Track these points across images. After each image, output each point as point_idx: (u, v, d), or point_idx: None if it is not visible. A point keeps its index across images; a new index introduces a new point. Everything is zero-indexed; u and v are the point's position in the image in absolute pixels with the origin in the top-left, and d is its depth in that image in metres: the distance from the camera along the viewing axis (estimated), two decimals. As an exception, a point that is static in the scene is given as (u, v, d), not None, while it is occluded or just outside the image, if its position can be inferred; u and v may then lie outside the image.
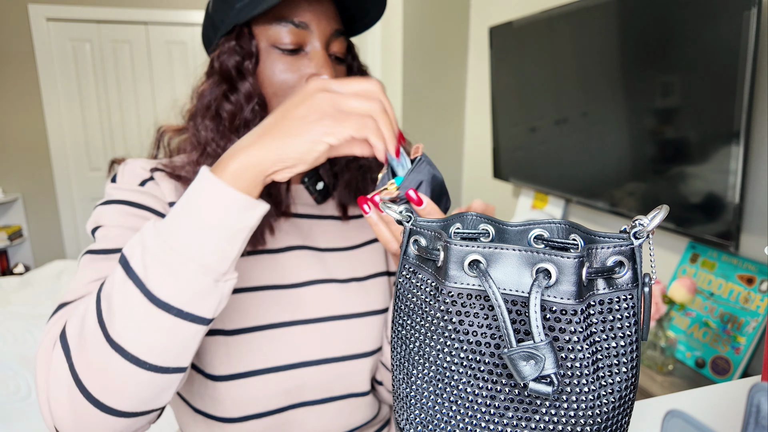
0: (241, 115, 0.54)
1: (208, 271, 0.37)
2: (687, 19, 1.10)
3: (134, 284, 0.37)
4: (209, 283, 0.37)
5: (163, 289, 0.36)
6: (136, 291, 0.36)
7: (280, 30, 0.53)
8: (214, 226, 0.37)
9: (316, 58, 0.54)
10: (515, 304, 0.32)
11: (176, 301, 0.36)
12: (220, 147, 0.53)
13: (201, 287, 0.37)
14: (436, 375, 0.35)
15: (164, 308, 0.36)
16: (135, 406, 0.38)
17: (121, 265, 0.38)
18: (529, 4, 1.82)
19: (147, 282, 0.36)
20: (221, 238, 0.37)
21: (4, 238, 2.91)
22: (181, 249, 0.36)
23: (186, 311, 0.37)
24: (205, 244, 0.37)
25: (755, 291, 1.08)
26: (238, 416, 0.53)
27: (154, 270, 0.36)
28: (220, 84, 0.54)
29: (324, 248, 0.62)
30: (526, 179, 1.83)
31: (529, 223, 0.38)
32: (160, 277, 0.36)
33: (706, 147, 1.10)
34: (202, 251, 0.37)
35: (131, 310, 0.36)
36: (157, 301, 0.36)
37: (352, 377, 0.57)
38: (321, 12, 0.54)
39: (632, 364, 0.33)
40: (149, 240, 0.37)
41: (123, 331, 0.36)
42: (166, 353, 0.37)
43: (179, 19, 3.09)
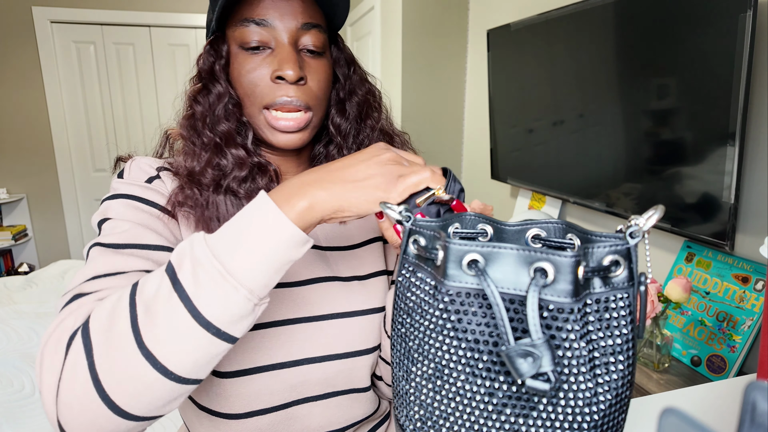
0: (212, 113, 0.56)
1: (253, 296, 0.38)
2: (683, 22, 1.11)
3: (180, 298, 0.37)
4: (250, 307, 0.39)
5: (210, 309, 0.37)
6: (181, 305, 0.37)
7: (245, 30, 0.54)
8: (272, 258, 0.39)
9: (280, 54, 0.54)
10: (513, 303, 0.33)
11: (219, 321, 0.38)
12: (195, 144, 0.56)
13: (243, 311, 0.38)
14: (435, 372, 0.35)
15: (205, 326, 0.37)
16: (147, 411, 0.39)
17: (168, 275, 0.39)
18: (527, 8, 1.83)
19: (195, 299, 0.37)
20: (274, 269, 0.39)
21: (8, 237, 2.90)
22: (236, 273, 0.38)
23: (224, 331, 0.38)
24: (259, 273, 0.38)
25: (750, 290, 1.09)
26: (243, 412, 0.54)
27: (206, 289, 0.37)
28: (196, 84, 0.58)
29: (326, 247, 0.62)
30: (524, 180, 1.84)
31: (526, 223, 0.38)
32: (209, 297, 0.37)
33: (701, 148, 1.11)
34: (254, 278, 0.38)
35: (173, 323, 0.37)
36: (201, 319, 0.37)
37: (353, 373, 0.58)
38: (285, 7, 0.54)
39: (628, 362, 0.34)
40: (202, 256, 0.38)
41: (160, 341, 0.37)
42: (193, 367, 0.39)
43: (182, 22, 3.09)
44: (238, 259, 0.38)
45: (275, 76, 0.54)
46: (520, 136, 1.82)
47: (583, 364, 0.32)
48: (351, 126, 0.63)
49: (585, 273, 0.32)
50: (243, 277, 0.38)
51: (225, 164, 0.55)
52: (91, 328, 0.39)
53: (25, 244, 3.12)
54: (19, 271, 2.96)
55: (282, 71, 0.53)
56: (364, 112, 0.64)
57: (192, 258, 0.38)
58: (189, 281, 0.38)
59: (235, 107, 0.57)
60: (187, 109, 0.58)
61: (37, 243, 3.16)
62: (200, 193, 0.54)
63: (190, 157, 0.55)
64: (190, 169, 0.54)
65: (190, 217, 0.54)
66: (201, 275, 0.38)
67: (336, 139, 0.62)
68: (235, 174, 0.55)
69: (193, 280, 0.38)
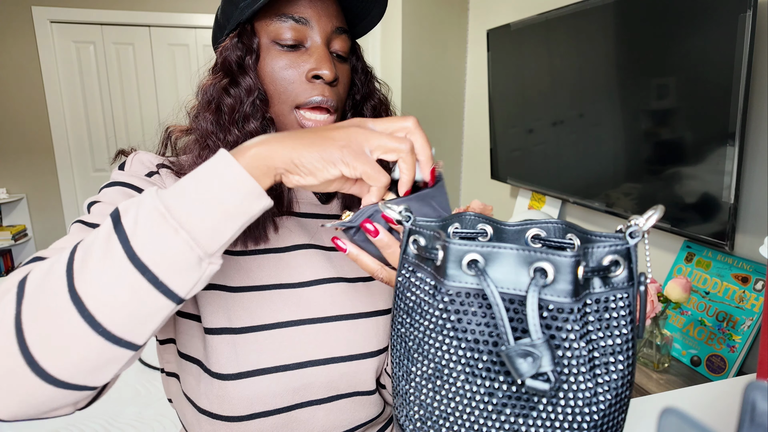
0: (241, 108, 0.54)
1: (196, 245, 0.35)
2: (683, 22, 1.11)
3: (119, 239, 0.35)
4: (193, 258, 0.35)
5: (146, 250, 0.34)
6: (118, 246, 0.35)
7: (281, 26, 0.54)
8: (217, 201, 0.36)
9: (316, 53, 0.54)
10: (513, 303, 0.33)
11: (155, 265, 0.35)
12: (220, 140, 0.54)
13: (184, 260, 0.35)
14: (434, 372, 0.35)
15: (141, 269, 0.34)
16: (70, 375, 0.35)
17: (111, 217, 0.36)
18: (527, 8, 1.83)
19: (132, 239, 0.35)
20: (220, 217, 0.36)
21: (8, 237, 2.90)
22: (178, 214, 0.35)
23: (161, 280, 0.35)
24: (202, 217, 0.35)
25: (750, 290, 1.09)
26: (245, 415, 0.53)
27: (144, 228, 0.35)
28: (222, 79, 0.55)
29: (330, 247, 0.62)
30: (524, 180, 1.84)
31: (526, 223, 0.38)
32: (147, 237, 0.35)
33: (701, 148, 1.11)
34: (197, 222, 0.35)
35: (107, 264, 0.34)
36: (136, 260, 0.34)
37: (358, 376, 0.57)
38: (322, 8, 0.54)
39: (628, 362, 0.34)
40: (148, 199, 0.36)
41: (90, 282, 0.34)
42: (125, 321, 0.35)
43: (182, 22, 3.09)
44: (182, 200, 0.35)
45: (312, 75, 0.54)
46: (520, 136, 1.82)
47: (583, 364, 0.32)
48: None
49: (585, 273, 0.32)
50: (184, 218, 0.35)
51: None
52: (28, 279, 0.36)
53: (24, 244, 3.12)
54: (19, 271, 2.96)
55: (320, 70, 0.53)
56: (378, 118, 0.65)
57: (138, 202, 0.36)
58: (130, 223, 0.35)
59: (261, 103, 0.55)
60: (208, 102, 0.55)
61: (36, 243, 3.16)
62: None
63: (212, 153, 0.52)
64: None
65: None
66: (141, 215, 0.35)
67: None
68: None
69: (134, 221, 0.35)
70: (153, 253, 0.35)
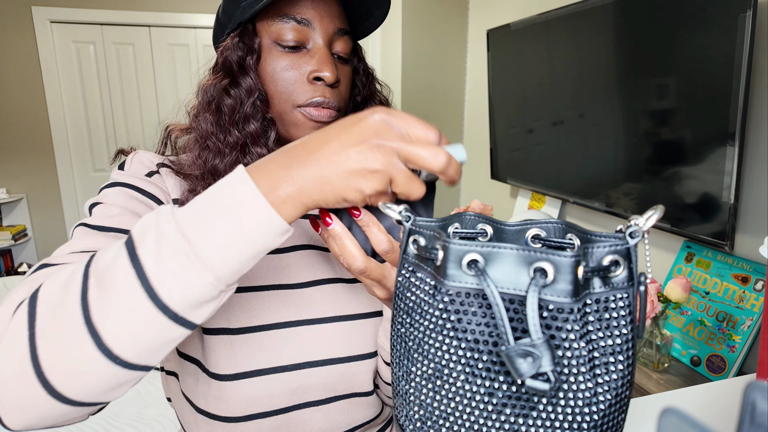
0: (241, 109, 0.54)
1: (220, 283, 0.34)
2: (682, 22, 1.11)
3: (137, 275, 0.33)
4: (214, 293, 0.35)
5: (169, 291, 0.33)
6: (137, 283, 0.33)
7: (282, 27, 0.53)
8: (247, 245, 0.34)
9: (317, 54, 0.54)
10: (513, 303, 0.33)
11: (178, 305, 0.34)
12: (220, 141, 0.54)
13: (206, 296, 0.34)
14: (434, 372, 0.35)
15: (162, 309, 0.33)
16: (85, 396, 0.35)
17: (127, 248, 0.34)
18: (527, 8, 1.83)
19: (154, 279, 0.33)
20: (247, 257, 0.35)
21: (8, 237, 2.90)
22: (205, 257, 0.33)
23: (181, 316, 0.34)
24: (230, 260, 0.34)
25: (750, 290, 1.09)
26: (243, 416, 0.53)
27: (167, 269, 0.33)
28: (223, 79, 0.55)
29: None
30: (524, 180, 1.84)
31: (526, 223, 0.38)
32: (170, 279, 0.33)
33: (701, 148, 1.11)
34: (224, 265, 0.34)
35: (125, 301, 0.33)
36: (158, 301, 0.33)
37: (356, 377, 0.57)
38: (324, 9, 0.54)
39: (628, 362, 0.34)
40: (168, 233, 0.34)
41: (108, 318, 0.33)
42: (141, 352, 0.34)
43: (182, 22, 3.09)
44: (209, 241, 0.33)
45: (313, 76, 0.54)
46: (520, 136, 1.82)
47: (583, 364, 0.32)
48: None
49: (585, 273, 0.32)
50: (211, 262, 0.33)
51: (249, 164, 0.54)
52: (39, 297, 0.35)
53: (24, 244, 3.12)
54: (19, 271, 2.96)
55: (321, 72, 0.53)
56: None
57: (156, 232, 0.34)
58: (150, 258, 0.33)
59: (262, 103, 0.55)
60: (208, 103, 0.55)
61: (36, 243, 3.16)
62: None
63: (212, 154, 0.53)
64: (213, 168, 0.53)
65: None
66: (164, 253, 0.33)
67: None
68: None
69: (155, 257, 0.33)
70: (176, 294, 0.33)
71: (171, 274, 0.33)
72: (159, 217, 0.35)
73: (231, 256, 0.34)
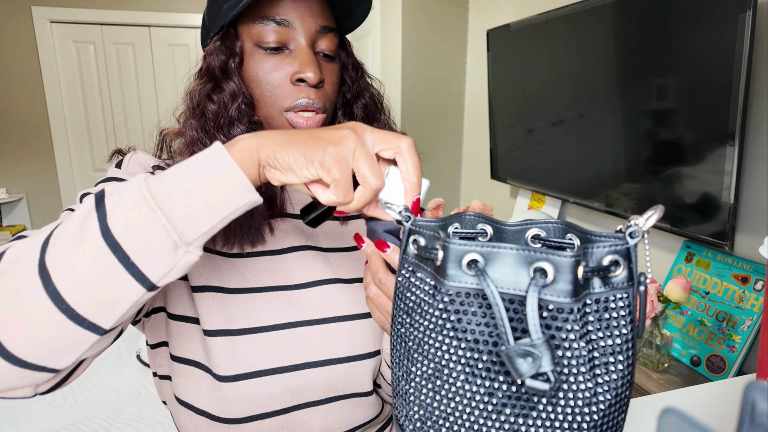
0: (226, 114, 0.54)
1: (173, 230, 0.34)
2: (682, 22, 1.11)
3: (97, 217, 0.34)
4: (168, 244, 0.34)
5: (121, 227, 0.33)
6: (95, 222, 0.34)
7: (263, 29, 0.53)
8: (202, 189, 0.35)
9: (299, 55, 0.53)
10: (513, 303, 0.33)
11: (128, 244, 0.33)
12: (206, 146, 0.53)
13: (159, 244, 0.34)
14: (434, 372, 0.35)
15: (112, 247, 0.33)
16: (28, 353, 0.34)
17: (95, 196, 0.36)
18: (527, 8, 1.83)
19: (110, 216, 0.34)
20: (202, 205, 0.35)
21: (8, 237, 2.90)
22: (158, 196, 0.34)
23: (132, 260, 0.33)
24: (184, 203, 0.34)
25: (750, 290, 1.09)
26: (243, 417, 0.53)
27: (123, 208, 0.34)
28: (207, 83, 0.55)
29: (327, 248, 0.62)
30: (524, 180, 1.84)
31: (526, 223, 0.38)
32: (124, 214, 0.33)
33: (701, 148, 1.11)
34: (177, 207, 0.34)
35: (80, 239, 0.33)
36: (109, 236, 0.33)
37: (356, 377, 0.57)
38: (305, 9, 0.53)
39: (628, 362, 0.34)
40: (134, 182, 0.35)
41: (60, 255, 0.33)
42: (90, 301, 0.34)
43: (182, 22, 3.09)
44: (166, 184, 0.34)
45: (296, 78, 0.53)
46: (520, 136, 1.82)
47: (583, 364, 0.32)
48: None
49: (585, 273, 0.32)
50: (164, 202, 0.34)
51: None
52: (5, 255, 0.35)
53: (24, 244, 3.12)
54: (19, 271, 2.97)
55: (303, 74, 0.53)
56: (370, 115, 0.64)
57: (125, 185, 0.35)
58: (112, 202, 0.34)
59: (247, 107, 0.55)
60: (193, 108, 0.55)
61: (36, 243, 3.17)
62: None
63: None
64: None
65: None
66: (124, 195, 0.34)
67: None
68: None
69: (116, 201, 0.34)
70: (127, 232, 0.33)
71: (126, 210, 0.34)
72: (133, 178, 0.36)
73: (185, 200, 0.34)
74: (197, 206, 0.35)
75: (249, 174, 0.37)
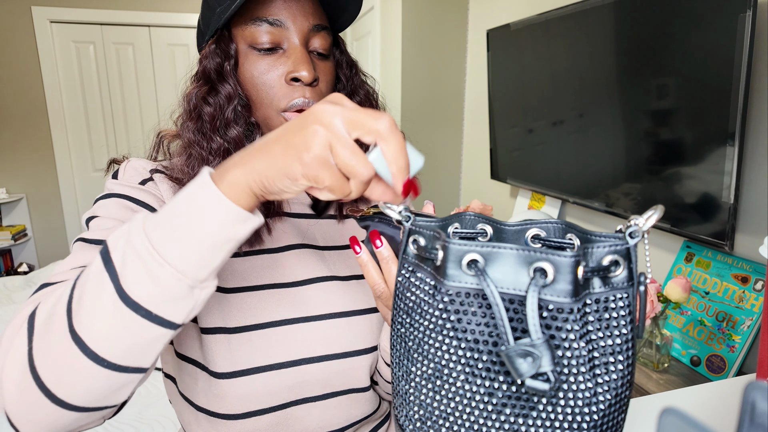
0: (222, 116, 0.54)
1: (184, 277, 0.35)
2: (682, 22, 1.11)
3: (109, 277, 0.35)
4: (184, 288, 0.35)
5: (135, 288, 0.34)
6: (109, 285, 0.35)
7: (256, 30, 0.53)
8: (201, 233, 0.34)
9: (293, 55, 0.54)
10: (512, 303, 0.33)
11: (147, 302, 0.34)
12: (203, 148, 0.54)
13: (175, 292, 0.35)
14: (434, 372, 0.35)
15: (133, 308, 0.34)
16: (87, 402, 0.36)
17: (101, 255, 0.36)
18: (527, 8, 1.83)
19: (122, 278, 0.34)
20: (205, 248, 0.35)
21: (8, 237, 2.91)
22: (162, 250, 0.34)
23: (155, 314, 0.35)
24: (187, 251, 0.34)
25: (750, 290, 1.09)
26: (241, 413, 0.53)
27: (132, 267, 0.34)
28: (203, 86, 0.55)
29: (324, 246, 0.62)
30: (524, 180, 1.84)
31: (526, 223, 0.38)
32: (135, 275, 0.34)
33: (701, 148, 1.11)
34: (181, 256, 0.34)
35: (100, 304, 0.35)
36: (127, 299, 0.34)
37: (352, 373, 0.58)
38: (297, 8, 0.54)
39: (628, 362, 0.34)
40: (134, 234, 0.35)
41: (87, 323, 0.35)
42: (127, 353, 0.35)
43: (181, 22, 3.09)
44: (165, 234, 0.34)
45: (290, 77, 0.54)
46: (520, 136, 1.82)
47: (583, 364, 0.32)
48: None
49: (585, 273, 0.32)
50: (169, 254, 0.34)
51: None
52: (37, 314, 0.37)
53: (24, 244, 3.12)
54: (19, 271, 2.96)
55: (298, 73, 0.53)
56: None
57: (127, 237, 0.36)
58: (118, 260, 0.35)
59: (243, 108, 0.56)
60: (190, 111, 0.56)
61: (36, 243, 3.17)
62: None
63: (197, 162, 0.54)
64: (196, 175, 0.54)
65: None
66: (128, 252, 0.35)
67: None
68: None
69: (122, 258, 0.35)
70: (142, 291, 0.34)
71: (135, 271, 0.34)
72: (132, 223, 0.36)
73: (188, 247, 0.34)
74: (203, 249, 0.35)
75: (246, 203, 0.36)
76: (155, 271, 0.34)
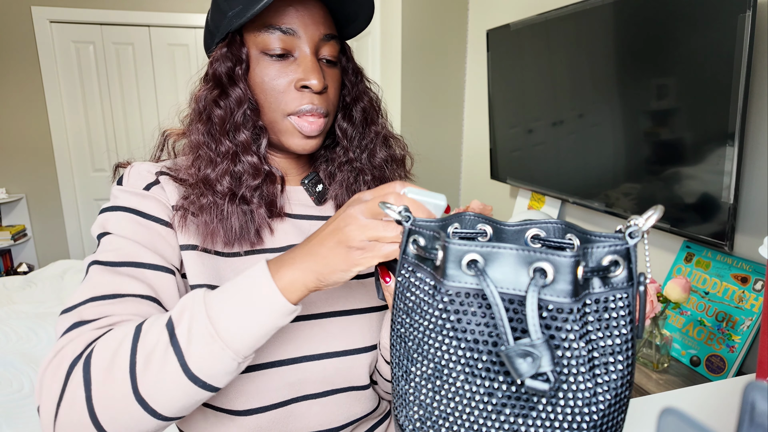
0: (231, 119, 0.55)
1: (238, 356, 0.43)
2: (682, 22, 1.11)
3: (175, 353, 0.42)
4: (234, 365, 0.43)
5: (198, 366, 0.42)
6: (174, 360, 0.42)
7: (269, 37, 0.54)
8: (257, 325, 0.43)
9: (304, 63, 0.55)
10: (512, 303, 0.33)
11: (206, 376, 0.42)
12: (212, 150, 0.55)
13: (229, 368, 0.43)
14: (434, 372, 0.35)
15: (193, 380, 0.42)
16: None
17: (167, 330, 0.43)
18: (526, 8, 1.83)
19: (187, 356, 0.42)
20: (259, 335, 0.43)
21: (8, 237, 2.90)
22: (225, 337, 0.42)
23: (210, 384, 0.43)
24: (246, 338, 0.42)
25: (749, 290, 1.09)
26: (244, 409, 0.54)
27: (197, 348, 0.42)
28: (213, 89, 0.56)
29: None
30: (523, 180, 1.84)
31: (526, 223, 0.38)
32: (200, 356, 0.42)
33: (701, 148, 1.11)
34: (242, 342, 0.42)
35: (166, 376, 0.42)
36: (190, 373, 0.42)
37: (353, 371, 0.59)
38: (309, 18, 0.55)
39: (628, 362, 0.34)
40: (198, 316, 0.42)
41: (152, 391, 0.42)
42: (180, 410, 0.44)
43: (181, 22, 3.09)
44: (228, 324, 0.42)
45: (300, 84, 0.55)
46: (519, 136, 1.82)
47: (583, 364, 0.32)
48: (356, 130, 0.65)
49: (584, 273, 0.32)
50: (231, 341, 0.42)
51: (240, 172, 0.56)
52: (93, 364, 0.42)
53: (24, 244, 3.11)
54: (19, 271, 2.96)
55: (308, 81, 0.55)
56: (369, 118, 0.66)
57: (190, 316, 0.43)
58: (184, 338, 0.42)
59: (252, 112, 0.57)
60: (200, 113, 0.56)
61: (36, 243, 3.16)
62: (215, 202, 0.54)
63: (204, 163, 0.55)
64: (204, 177, 0.54)
65: (189, 224, 0.54)
66: (194, 334, 0.42)
67: (343, 142, 0.65)
68: (249, 182, 0.56)
69: (187, 337, 0.42)
70: (203, 368, 0.42)
71: (200, 352, 0.42)
72: (194, 301, 0.44)
73: (247, 335, 0.43)
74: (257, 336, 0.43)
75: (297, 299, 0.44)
76: (217, 354, 0.42)
